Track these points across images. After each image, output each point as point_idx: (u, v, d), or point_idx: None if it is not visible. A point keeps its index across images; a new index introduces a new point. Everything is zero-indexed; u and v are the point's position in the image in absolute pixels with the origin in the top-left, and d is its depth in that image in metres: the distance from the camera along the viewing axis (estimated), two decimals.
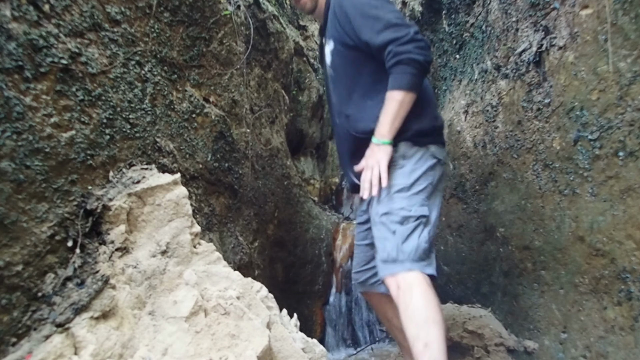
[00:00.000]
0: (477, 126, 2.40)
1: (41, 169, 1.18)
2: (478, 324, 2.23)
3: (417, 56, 1.55)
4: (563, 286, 1.78)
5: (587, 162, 1.59)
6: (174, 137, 1.75)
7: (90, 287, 1.16)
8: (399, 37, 1.56)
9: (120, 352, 1.11)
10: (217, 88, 2.06)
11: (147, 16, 1.62)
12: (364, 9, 1.65)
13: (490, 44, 2.26)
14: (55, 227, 1.20)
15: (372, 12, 1.63)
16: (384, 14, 1.61)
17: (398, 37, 1.56)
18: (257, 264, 2.39)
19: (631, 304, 1.44)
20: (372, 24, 1.61)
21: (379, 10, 1.62)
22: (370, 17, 1.62)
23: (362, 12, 1.64)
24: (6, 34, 1.12)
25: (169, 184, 1.45)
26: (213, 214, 2.01)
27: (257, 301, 1.40)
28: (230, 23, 2.11)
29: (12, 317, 1.08)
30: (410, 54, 1.55)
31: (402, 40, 1.56)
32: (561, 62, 1.70)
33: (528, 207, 1.98)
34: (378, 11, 1.62)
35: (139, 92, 1.58)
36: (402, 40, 1.56)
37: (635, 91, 1.37)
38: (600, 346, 1.56)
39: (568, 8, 1.64)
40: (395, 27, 1.58)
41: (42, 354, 1.02)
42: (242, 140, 2.27)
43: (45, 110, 1.21)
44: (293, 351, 1.35)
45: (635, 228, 1.41)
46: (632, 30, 1.37)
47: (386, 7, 1.65)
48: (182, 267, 1.39)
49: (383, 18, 1.60)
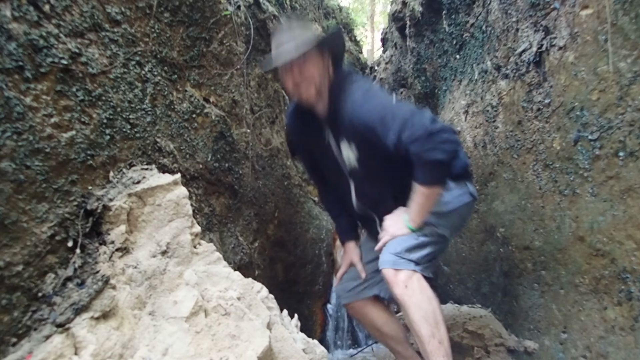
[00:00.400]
0: (477, 126, 2.41)
1: (41, 169, 1.18)
2: (478, 324, 2.23)
3: (440, 156, 1.47)
4: (563, 286, 1.78)
5: (588, 162, 1.59)
6: (174, 137, 1.75)
7: (90, 287, 1.16)
8: (417, 136, 1.45)
9: (121, 352, 1.11)
10: (218, 88, 2.07)
11: (147, 16, 1.62)
12: (380, 114, 1.54)
13: (490, 44, 2.26)
14: (55, 227, 1.20)
15: (387, 114, 1.52)
16: (398, 111, 1.51)
17: (417, 136, 1.45)
18: (257, 264, 2.39)
19: (631, 304, 1.44)
20: (391, 126, 1.49)
21: (393, 109, 1.53)
22: (388, 120, 1.51)
23: (380, 118, 1.53)
24: (6, 34, 1.12)
25: (169, 184, 1.45)
26: (213, 214, 2.01)
27: (258, 301, 1.40)
28: (231, 23, 2.11)
29: (13, 317, 1.08)
30: (433, 154, 1.46)
31: (421, 138, 1.45)
32: (561, 62, 1.70)
33: (528, 207, 1.98)
34: (393, 110, 1.53)
35: (139, 92, 1.58)
36: (421, 138, 1.45)
37: (636, 91, 1.37)
38: (601, 346, 1.56)
39: (568, 8, 1.64)
40: (411, 124, 1.46)
41: (42, 354, 1.02)
42: (243, 140, 2.27)
43: (46, 110, 1.21)
44: (294, 352, 1.35)
45: (635, 228, 1.41)
46: (632, 31, 1.36)
47: (400, 105, 1.58)
48: (182, 268, 1.39)
49: (398, 116, 1.49)
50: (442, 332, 1.49)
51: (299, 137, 2.00)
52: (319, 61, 1.65)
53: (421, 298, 1.51)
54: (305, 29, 1.69)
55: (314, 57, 1.62)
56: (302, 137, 1.96)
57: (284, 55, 1.58)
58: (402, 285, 1.53)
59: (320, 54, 1.65)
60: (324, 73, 1.67)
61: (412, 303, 1.51)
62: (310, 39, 1.59)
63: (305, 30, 1.69)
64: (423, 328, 1.48)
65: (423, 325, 1.48)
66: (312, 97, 1.65)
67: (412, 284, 1.54)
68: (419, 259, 1.61)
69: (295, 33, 1.64)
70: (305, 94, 1.64)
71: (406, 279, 1.54)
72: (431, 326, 1.48)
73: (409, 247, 1.62)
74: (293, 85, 1.64)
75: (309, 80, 1.62)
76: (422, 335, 1.48)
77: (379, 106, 1.57)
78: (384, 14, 11.09)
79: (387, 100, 1.61)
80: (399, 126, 1.48)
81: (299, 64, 1.59)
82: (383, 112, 1.54)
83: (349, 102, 1.61)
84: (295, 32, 1.64)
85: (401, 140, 1.47)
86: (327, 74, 1.69)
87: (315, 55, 1.63)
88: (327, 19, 5.76)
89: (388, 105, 1.57)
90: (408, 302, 1.51)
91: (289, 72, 1.62)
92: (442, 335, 1.48)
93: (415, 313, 1.49)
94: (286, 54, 1.57)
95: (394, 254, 1.60)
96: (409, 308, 1.51)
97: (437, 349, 1.46)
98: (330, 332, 3.18)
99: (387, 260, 1.61)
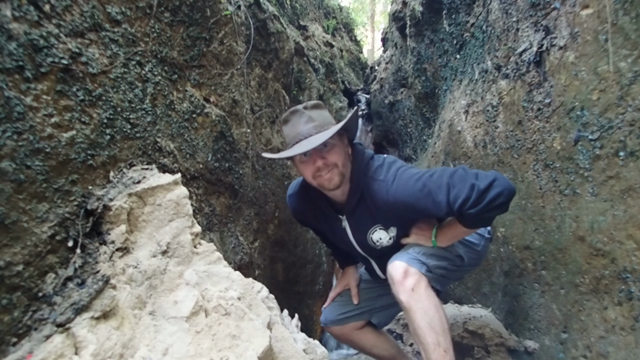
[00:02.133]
0: (478, 126, 2.40)
1: (42, 169, 1.18)
2: (478, 324, 2.23)
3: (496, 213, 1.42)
4: (563, 286, 1.78)
5: (588, 162, 1.59)
6: (174, 137, 1.75)
7: (90, 287, 1.16)
8: (466, 198, 1.36)
9: (121, 352, 1.11)
10: (218, 88, 2.07)
11: (147, 16, 1.62)
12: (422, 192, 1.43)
13: (490, 43, 2.26)
14: (55, 227, 1.20)
15: (430, 189, 1.42)
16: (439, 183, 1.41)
17: (466, 199, 1.36)
18: (257, 264, 2.39)
19: (632, 304, 1.44)
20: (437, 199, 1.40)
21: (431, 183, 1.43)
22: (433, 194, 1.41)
23: (424, 196, 1.42)
24: (7, 34, 1.12)
25: (169, 184, 1.45)
26: (213, 213, 2.01)
27: (258, 301, 1.40)
28: (231, 23, 2.11)
29: (13, 317, 1.08)
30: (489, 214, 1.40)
31: (472, 200, 1.36)
32: (562, 62, 1.69)
33: (528, 207, 1.98)
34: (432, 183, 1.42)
35: (140, 92, 1.58)
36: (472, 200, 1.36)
37: (636, 91, 1.37)
38: (601, 346, 1.56)
39: (568, 8, 1.64)
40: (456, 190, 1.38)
41: (42, 354, 1.02)
42: (243, 140, 2.27)
43: (46, 110, 1.21)
44: (294, 351, 1.35)
45: (635, 228, 1.41)
46: (632, 30, 1.36)
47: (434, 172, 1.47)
48: (182, 267, 1.39)
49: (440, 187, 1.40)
50: (447, 341, 1.46)
51: (305, 216, 1.85)
52: (341, 146, 1.53)
53: (428, 304, 1.47)
54: (320, 108, 1.57)
55: (336, 142, 1.51)
56: (309, 217, 1.83)
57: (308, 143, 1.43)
58: (409, 289, 1.48)
59: (340, 138, 1.53)
60: (347, 158, 1.55)
61: (419, 309, 1.46)
62: (333, 123, 1.48)
63: (321, 110, 1.57)
64: (429, 335, 1.45)
65: (429, 332, 1.45)
66: (337, 185, 1.52)
67: (419, 289, 1.48)
68: (433, 267, 1.57)
69: (313, 114, 1.51)
70: (331, 182, 1.50)
71: (414, 283, 1.48)
72: (437, 334, 1.45)
73: (427, 252, 1.59)
74: (315, 171, 1.50)
75: (333, 168, 1.49)
76: (427, 343, 1.45)
77: (415, 183, 1.46)
78: (384, 14, 11.09)
79: (418, 173, 1.49)
80: (444, 196, 1.39)
81: (323, 150, 1.47)
82: (422, 187, 1.44)
83: (379, 187, 1.52)
84: (313, 113, 1.52)
85: (453, 208, 1.39)
86: (349, 159, 1.57)
87: (337, 139, 1.51)
88: (327, 19, 5.75)
89: (424, 177, 1.46)
90: (414, 307, 1.46)
91: (311, 161, 1.49)
92: (447, 344, 1.46)
93: (421, 319, 1.46)
94: (310, 140, 1.44)
95: (409, 254, 1.57)
96: (415, 313, 1.46)
97: (442, 357, 1.44)
98: None
99: (401, 256, 1.56)
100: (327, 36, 5.33)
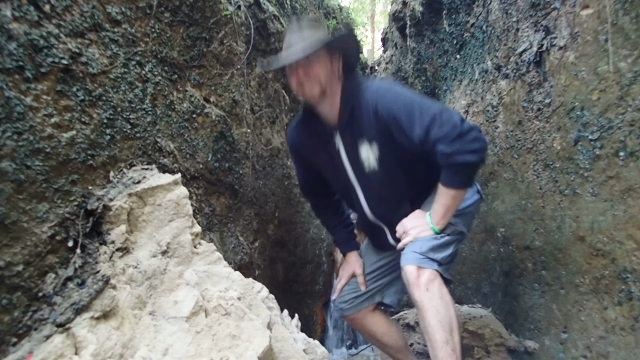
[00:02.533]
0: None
1: (42, 169, 1.18)
2: (478, 324, 2.23)
3: (471, 158, 1.47)
4: (563, 286, 1.78)
5: (588, 162, 1.59)
6: (174, 137, 1.75)
7: (90, 287, 1.16)
8: (446, 134, 1.45)
9: (121, 352, 1.11)
10: (218, 88, 2.07)
11: (147, 16, 1.62)
12: (407, 105, 1.53)
13: (490, 44, 2.26)
14: (55, 227, 1.20)
15: (415, 106, 1.51)
16: (427, 105, 1.51)
17: (446, 135, 1.45)
18: (257, 264, 2.39)
19: (632, 304, 1.44)
20: (418, 119, 1.49)
21: (422, 103, 1.53)
22: (415, 112, 1.50)
23: (407, 112, 1.52)
24: (7, 34, 1.12)
25: (169, 184, 1.45)
26: (213, 214, 2.02)
27: (258, 301, 1.40)
28: (231, 23, 2.11)
29: (13, 317, 1.08)
30: (461, 156, 1.46)
31: (450, 138, 1.45)
32: (562, 62, 1.70)
33: (528, 207, 1.98)
34: (422, 103, 1.52)
35: (140, 92, 1.58)
36: (450, 138, 1.45)
37: (636, 91, 1.37)
38: (601, 346, 1.56)
39: (568, 8, 1.64)
40: (440, 121, 1.46)
41: (42, 354, 1.02)
42: (243, 140, 2.27)
43: (46, 110, 1.21)
44: (294, 352, 1.35)
45: (635, 228, 1.41)
46: (632, 30, 1.36)
47: (427, 100, 1.56)
48: (182, 267, 1.39)
49: (427, 110, 1.49)
50: (455, 340, 1.49)
51: (302, 149, 1.94)
52: (326, 62, 1.63)
53: (440, 303, 1.50)
54: (315, 30, 1.67)
55: (321, 58, 1.61)
56: (306, 150, 1.91)
57: (290, 56, 1.58)
58: (423, 287, 1.51)
59: (328, 55, 1.64)
60: (332, 75, 1.65)
61: (431, 306, 1.49)
62: (318, 40, 1.57)
63: (316, 31, 1.66)
64: (438, 333, 1.47)
65: (438, 330, 1.47)
66: (315, 97, 1.64)
67: (433, 288, 1.52)
68: (443, 259, 1.59)
69: (305, 34, 1.62)
70: (309, 93, 1.63)
71: (428, 282, 1.52)
72: (446, 332, 1.47)
73: (433, 246, 1.59)
74: (297, 84, 1.63)
75: (313, 81, 1.61)
76: (435, 340, 1.47)
77: (407, 98, 1.56)
78: (384, 14, 11.08)
79: (414, 94, 1.59)
80: (427, 121, 1.47)
81: (304, 64, 1.58)
82: (411, 103, 1.52)
83: (371, 94, 1.61)
84: (305, 33, 1.63)
85: (429, 137, 1.47)
86: (336, 76, 1.67)
87: (322, 56, 1.61)
88: (327, 19, 5.75)
89: (416, 98, 1.56)
90: (427, 305, 1.50)
91: (294, 72, 1.61)
92: (455, 343, 1.48)
93: (433, 317, 1.48)
94: (293, 54, 1.57)
95: (419, 253, 1.58)
96: (427, 311, 1.49)
97: (449, 356, 1.45)
98: (330, 332, 3.18)
99: (411, 258, 1.58)
100: None
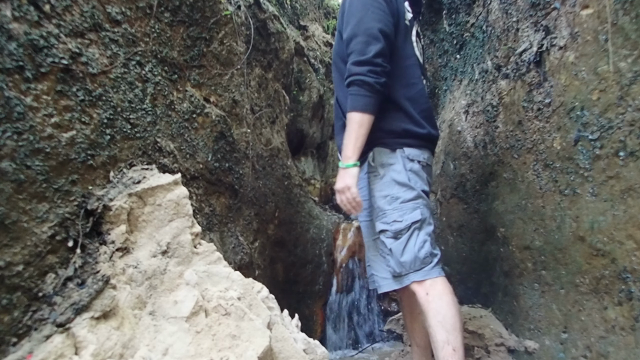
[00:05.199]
0: (478, 126, 2.40)
1: (42, 169, 1.18)
2: (478, 324, 2.23)
3: (368, 78, 1.52)
4: (563, 286, 1.78)
5: (588, 162, 1.59)
6: (174, 137, 1.75)
7: (90, 287, 1.16)
8: (359, 54, 1.53)
9: (121, 352, 1.11)
10: (218, 88, 2.07)
11: (147, 16, 1.62)
12: (351, 8, 1.61)
13: (490, 43, 2.26)
14: (55, 227, 1.20)
15: (355, 14, 1.58)
16: (361, 21, 1.56)
17: (358, 54, 1.54)
18: (257, 264, 2.39)
19: (632, 304, 1.44)
20: (348, 27, 1.59)
21: (360, 14, 1.57)
22: (351, 20, 1.59)
23: (349, 12, 1.61)
24: (7, 34, 1.12)
25: (169, 184, 1.45)
26: (213, 214, 2.01)
27: (258, 301, 1.40)
28: (231, 23, 2.11)
29: (13, 317, 1.08)
30: (361, 76, 1.53)
31: (359, 59, 1.53)
32: (562, 62, 1.69)
33: (528, 207, 1.97)
34: (360, 15, 1.57)
35: (140, 92, 1.58)
36: (359, 59, 1.53)
37: (636, 91, 1.37)
38: (601, 346, 1.56)
39: (568, 8, 1.64)
40: (360, 41, 1.54)
41: (42, 354, 1.02)
42: (243, 140, 2.27)
43: (46, 110, 1.21)
44: (294, 352, 1.35)
45: (635, 228, 1.41)
46: (632, 30, 1.36)
47: (369, 14, 1.57)
48: (182, 267, 1.39)
49: (359, 25, 1.56)
50: (457, 340, 1.50)
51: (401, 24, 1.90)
52: None
53: (440, 304, 1.54)
54: None
55: None
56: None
57: None
58: (423, 293, 1.59)
59: None
60: None
61: (432, 309, 1.55)
62: None
63: None
64: (438, 333, 1.50)
65: (439, 330, 1.50)
66: None
67: (433, 291, 1.58)
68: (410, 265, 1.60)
69: None
70: None
71: (427, 288, 1.59)
72: (447, 332, 1.50)
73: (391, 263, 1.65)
74: None
75: None
76: (437, 340, 1.51)
77: (360, 5, 1.60)
78: None
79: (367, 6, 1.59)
80: (352, 32, 1.56)
81: None
82: (354, 8, 1.60)
83: None
84: None
85: (349, 49, 1.57)
86: None
87: None
88: (327, 19, 5.74)
89: (364, 8, 1.58)
90: (427, 307, 1.56)
91: None
92: (456, 343, 1.49)
93: (433, 318, 1.53)
94: None
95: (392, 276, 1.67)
96: (428, 313, 1.55)
97: (450, 355, 1.47)
98: (330, 332, 3.18)
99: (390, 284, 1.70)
100: (327, 36, 5.33)
